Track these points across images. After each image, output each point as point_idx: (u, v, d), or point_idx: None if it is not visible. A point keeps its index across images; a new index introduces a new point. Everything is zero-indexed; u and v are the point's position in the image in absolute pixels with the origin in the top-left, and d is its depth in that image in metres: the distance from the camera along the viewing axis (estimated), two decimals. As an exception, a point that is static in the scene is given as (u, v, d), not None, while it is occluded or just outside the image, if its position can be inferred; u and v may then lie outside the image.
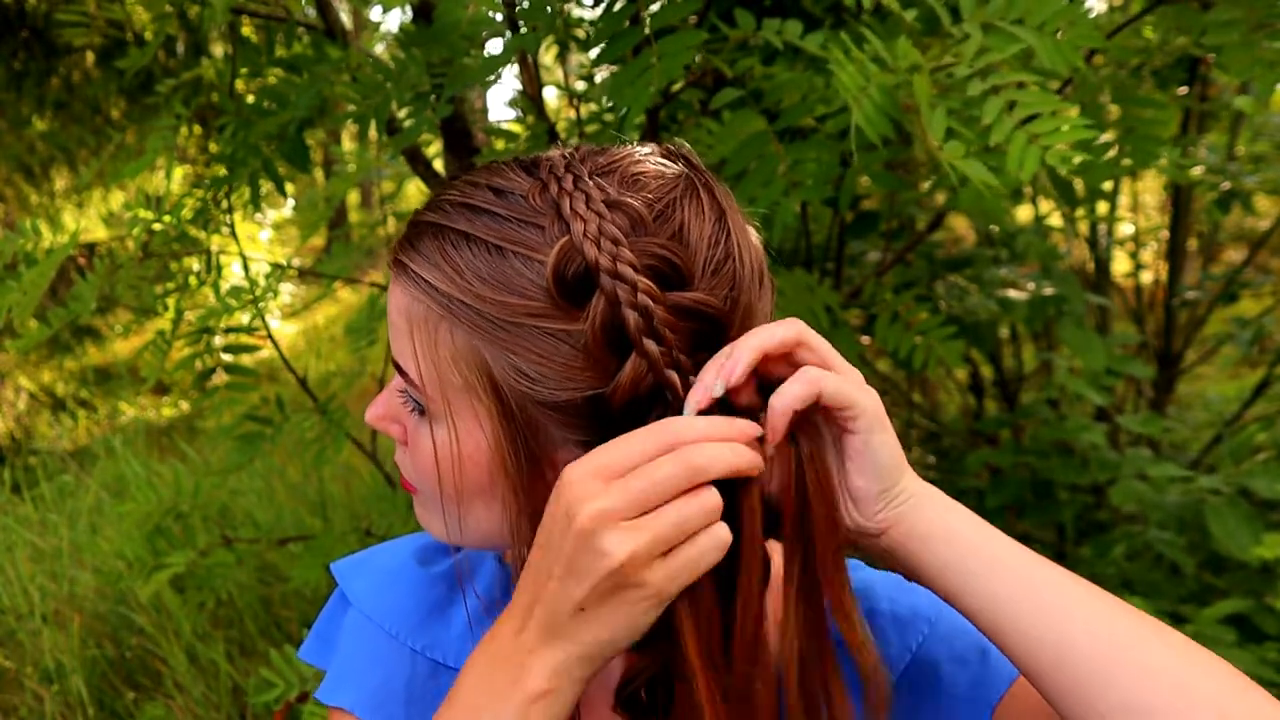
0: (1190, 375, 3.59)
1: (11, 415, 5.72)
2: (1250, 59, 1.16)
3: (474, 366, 0.56)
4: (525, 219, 0.56)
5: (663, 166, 0.59)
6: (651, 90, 1.09)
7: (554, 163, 0.58)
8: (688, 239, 0.56)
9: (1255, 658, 1.78)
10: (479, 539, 0.63)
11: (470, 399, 0.57)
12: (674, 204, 0.57)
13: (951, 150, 0.97)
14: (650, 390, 0.55)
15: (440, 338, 0.57)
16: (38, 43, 4.60)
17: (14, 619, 2.89)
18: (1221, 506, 2.03)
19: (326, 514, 3.43)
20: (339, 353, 6.79)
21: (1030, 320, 2.34)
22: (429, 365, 0.57)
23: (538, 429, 0.57)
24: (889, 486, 0.56)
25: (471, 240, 0.56)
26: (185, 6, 1.55)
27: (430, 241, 0.57)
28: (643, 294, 0.53)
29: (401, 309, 0.59)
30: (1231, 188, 2.53)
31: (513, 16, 1.33)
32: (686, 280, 0.55)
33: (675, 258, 0.55)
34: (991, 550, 0.55)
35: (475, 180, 0.59)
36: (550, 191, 0.56)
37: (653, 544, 0.50)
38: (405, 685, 0.71)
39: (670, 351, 0.54)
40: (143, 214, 1.59)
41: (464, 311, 0.55)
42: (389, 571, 0.77)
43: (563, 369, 0.55)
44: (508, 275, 0.55)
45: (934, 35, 1.33)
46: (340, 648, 0.76)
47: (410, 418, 0.62)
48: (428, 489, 0.62)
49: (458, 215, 0.57)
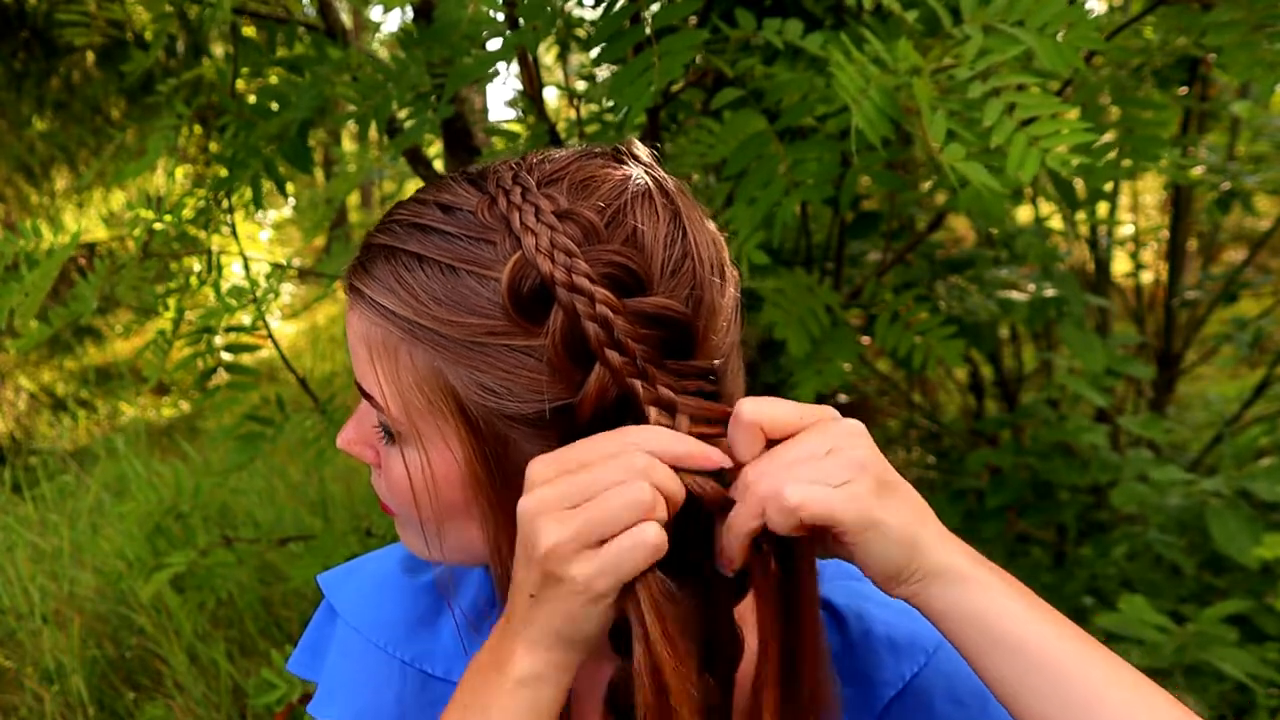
0: (1190, 375, 3.59)
1: (11, 415, 5.72)
2: (1250, 60, 1.16)
3: (437, 388, 0.55)
4: (476, 235, 0.55)
5: (610, 169, 0.58)
6: (652, 90, 1.09)
7: (500, 175, 0.57)
8: (642, 243, 0.55)
9: (1255, 658, 1.78)
10: (461, 556, 0.63)
11: (437, 420, 0.56)
12: (625, 208, 0.56)
13: (952, 153, 0.97)
14: (617, 399, 0.54)
15: (401, 361, 0.56)
16: (38, 43, 4.60)
17: (14, 619, 2.89)
18: (1222, 509, 2.03)
19: (327, 514, 3.43)
20: (339, 353, 6.79)
21: (1030, 321, 2.34)
22: (392, 390, 0.57)
23: (508, 443, 0.56)
24: (898, 572, 0.54)
25: (424, 261, 0.55)
26: (185, 7, 1.54)
27: (383, 265, 0.56)
28: (601, 304, 0.52)
29: (360, 335, 0.58)
30: (1231, 188, 2.54)
31: (513, 16, 1.33)
32: (645, 285, 0.54)
33: (631, 264, 0.54)
34: (1015, 637, 0.53)
35: (424, 198, 0.58)
36: (499, 206, 0.55)
37: (577, 535, 0.50)
38: (396, 699, 0.71)
39: (634, 360, 0.53)
40: (143, 214, 1.59)
41: (423, 334, 0.55)
42: (376, 582, 0.76)
43: (528, 383, 0.54)
44: (463, 295, 0.54)
45: (934, 36, 1.33)
46: (329, 661, 0.75)
47: (379, 442, 0.61)
48: (405, 512, 0.61)
49: (408, 236, 0.56)
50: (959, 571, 0.54)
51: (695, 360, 0.56)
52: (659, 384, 0.54)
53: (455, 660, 0.71)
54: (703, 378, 0.56)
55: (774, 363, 2.15)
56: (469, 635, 0.72)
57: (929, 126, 0.98)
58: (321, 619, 0.79)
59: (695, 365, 0.55)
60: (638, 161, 0.59)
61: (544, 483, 0.51)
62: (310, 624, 0.79)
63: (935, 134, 0.98)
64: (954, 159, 0.96)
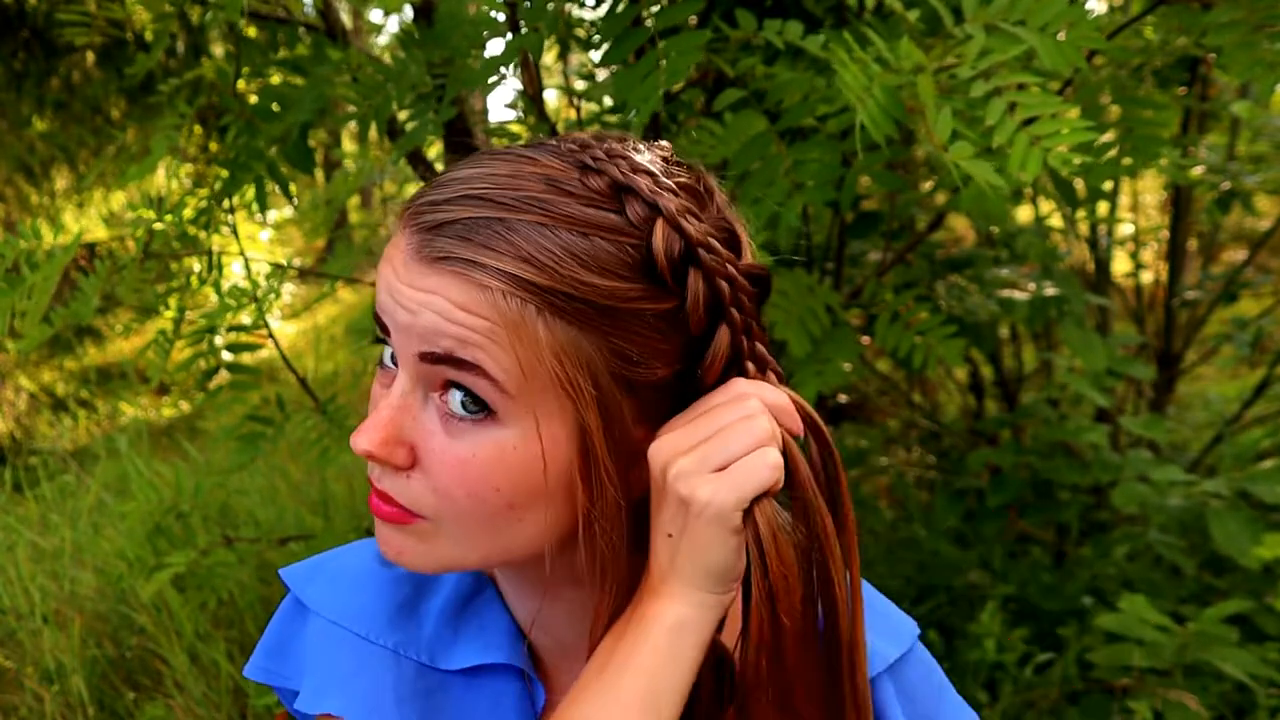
0: (1190, 375, 3.59)
1: (12, 415, 5.72)
2: (1251, 60, 1.16)
3: (575, 358, 0.54)
4: (597, 204, 0.55)
5: (659, 152, 0.61)
6: (660, 92, 1.09)
7: (589, 147, 0.58)
8: (728, 212, 0.60)
9: (1256, 658, 1.78)
10: (505, 553, 0.60)
11: (558, 394, 0.55)
12: (704, 181, 0.61)
13: (958, 151, 0.97)
14: (731, 359, 0.58)
15: (539, 333, 0.53)
16: (38, 43, 4.60)
17: (14, 619, 2.89)
18: (1223, 510, 2.03)
19: (329, 513, 3.43)
20: (339, 353, 6.79)
21: (1031, 320, 2.34)
22: (527, 362, 0.54)
23: (623, 412, 0.57)
24: None
25: (552, 229, 0.53)
26: (186, 7, 1.54)
27: (498, 236, 0.53)
28: (729, 264, 0.56)
29: (479, 308, 0.53)
30: (1231, 188, 2.54)
31: (514, 17, 1.33)
32: (741, 249, 0.59)
33: (733, 227, 0.59)
34: None
35: (497, 172, 0.56)
36: (609, 174, 0.56)
37: (704, 459, 0.54)
38: (394, 685, 0.69)
39: (747, 319, 0.58)
40: (144, 214, 1.59)
41: (565, 302, 0.53)
42: (350, 575, 0.73)
43: (662, 348, 0.56)
44: (604, 260, 0.54)
45: (934, 36, 1.33)
46: (312, 660, 0.72)
47: (436, 435, 0.57)
48: (467, 508, 0.57)
49: (521, 206, 0.54)
50: None
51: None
52: (758, 340, 0.59)
53: (441, 648, 0.70)
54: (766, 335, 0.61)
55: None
56: (453, 622, 0.71)
57: (933, 125, 0.98)
58: (286, 617, 0.75)
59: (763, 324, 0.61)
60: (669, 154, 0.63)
61: (670, 430, 0.57)
62: (270, 625, 0.75)
63: (940, 132, 0.98)
64: (960, 157, 0.96)
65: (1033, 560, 2.64)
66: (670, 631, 0.56)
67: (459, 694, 0.70)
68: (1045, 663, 2.21)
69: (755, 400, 0.56)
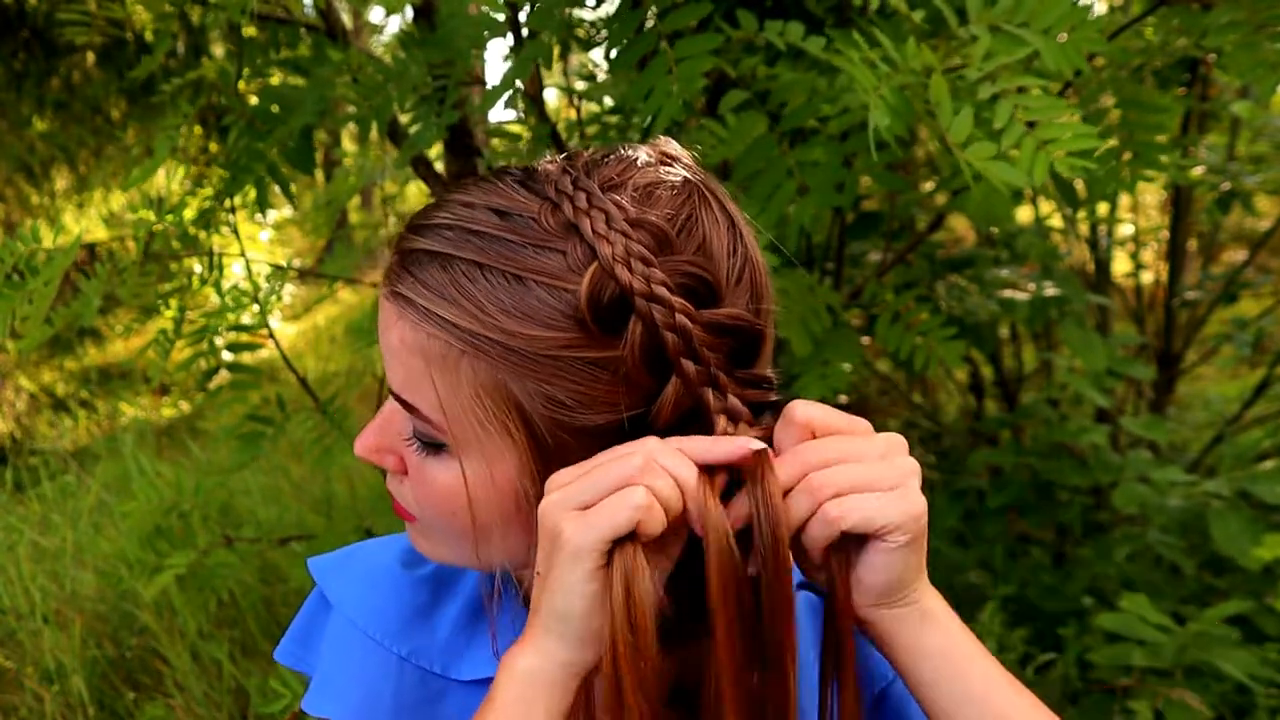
0: (1190, 375, 3.59)
1: (12, 415, 5.72)
2: (1251, 60, 1.16)
3: (501, 400, 0.53)
4: (542, 244, 0.53)
5: (669, 174, 0.57)
6: (679, 101, 1.09)
7: (557, 179, 0.55)
8: (711, 252, 0.55)
9: (1256, 658, 1.78)
10: (492, 563, 0.61)
11: (494, 431, 0.55)
12: (693, 217, 0.55)
13: (977, 151, 0.96)
14: (690, 409, 0.54)
15: (462, 374, 0.54)
16: (38, 43, 4.60)
17: (14, 619, 2.89)
18: (1224, 511, 2.03)
19: (331, 513, 3.43)
20: (339, 353, 6.79)
21: (1031, 321, 2.34)
22: (451, 401, 0.54)
23: (570, 452, 0.55)
24: (899, 588, 0.55)
25: (486, 270, 0.53)
26: (186, 7, 1.54)
27: (439, 273, 0.54)
28: (679, 314, 0.52)
29: (413, 346, 0.55)
30: (1231, 188, 2.54)
31: (515, 19, 1.33)
32: (717, 296, 0.54)
33: (705, 273, 0.53)
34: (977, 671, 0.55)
35: (470, 200, 0.55)
36: (564, 211, 0.53)
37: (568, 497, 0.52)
38: (393, 694, 0.70)
39: (708, 369, 0.53)
40: (144, 215, 1.59)
41: (490, 347, 0.52)
42: (372, 574, 0.75)
43: (600, 395, 0.53)
44: (533, 307, 0.52)
45: (937, 36, 1.33)
46: (324, 654, 0.74)
47: (411, 453, 0.59)
48: (439, 522, 0.60)
49: (462, 242, 0.54)
50: (938, 611, 0.56)
51: (756, 369, 0.56)
52: (729, 392, 0.54)
53: (452, 656, 0.71)
54: (764, 386, 0.56)
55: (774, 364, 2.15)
56: (467, 630, 0.71)
57: (948, 125, 0.97)
58: (313, 607, 0.77)
59: (757, 374, 0.56)
60: (681, 164, 0.59)
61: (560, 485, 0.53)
62: (300, 611, 0.78)
63: (958, 133, 0.97)
64: (979, 157, 0.96)
65: (1033, 560, 2.64)
66: (519, 681, 0.53)
67: (461, 703, 0.70)
68: (1046, 663, 2.21)
69: (647, 445, 0.52)
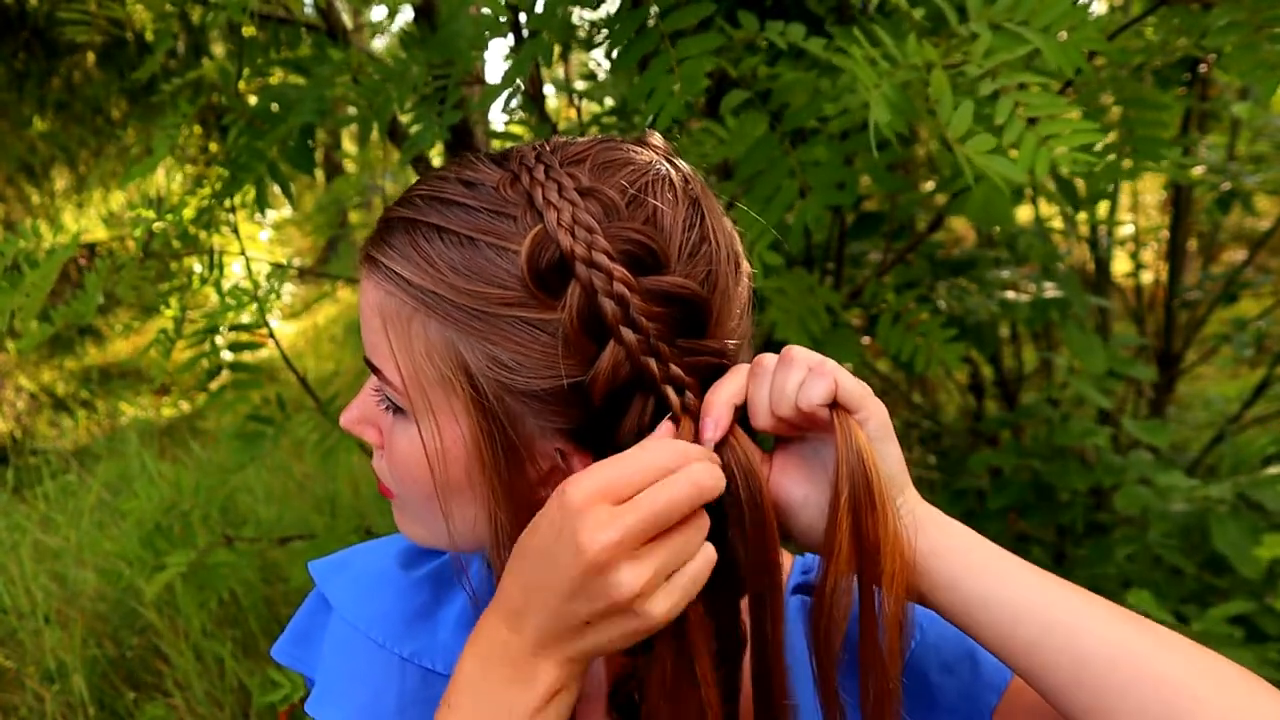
0: (1190, 375, 3.59)
1: (12, 415, 5.72)
2: (1251, 61, 1.16)
3: (449, 359, 0.55)
4: (497, 210, 0.55)
5: (633, 153, 0.59)
6: (681, 101, 1.09)
7: (524, 154, 0.58)
8: (662, 223, 0.56)
9: (1257, 658, 1.78)
10: (461, 540, 0.62)
11: (446, 392, 0.56)
12: (646, 188, 0.57)
13: (976, 145, 0.96)
14: (630, 377, 0.55)
15: (414, 331, 0.56)
16: (39, 43, 4.60)
17: (15, 618, 2.89)
18: (1226, 516, 2.03)
19: (333, 512, 3.43)
20: (339, 353, 6.79)
21: (1031, 321, 2.34)
22: (405, 360, 0.57)
23: (516, 419, 0.56)
24: (897, 475, 0.57)
25: (444, 232, 0.55)
26: (187, 7, 1.54)
27: (402, 236, 0.57)
28: (618, 281, 0.53)
29: (374, 305, 0.58)
30: (1231, 188, 2.53)
31: (516, 20, 1.33)
32: (662, 264, 0.55)
33: (650, 242, 0.55)
34: (999, 568, 0.55)
35: (445, 174, 0.59)
36: (522, 182, 0.56)
37: (657, 575, 0.51)
38: (397, 696, 0.70)
39: (648, 339, 0.54)
40: (144, 214, 1.59)
41: (438, 304, 0.55)
42: (371, 576, 0.75)
43: (541, 357, 0.55)
44: (481, 266, 0.54)
45: (937, 34, 1.33)
46: (326, 658, 0.74)
47: (385, 418, 0.61)
48: (408, 491, 0.61)
49: (429, 209, 0.57)
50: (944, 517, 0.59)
51: (707, 340, 0.57)
52: (671, 362, 0.55)
53: (454, 655, 0.70)
54: (716, 356, 0.57)
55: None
56: (468, 629, 0.71)
57: (947, 121, 0.97)
58: (313, 607, 0.78)
59: (707, 345, 0.57)
60: (658, 151, 0.60)
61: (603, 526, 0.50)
62: (299, 611, 0.78)
63: (958, 127, 0.97)
64: (978, 151, 0.96)
65: (1033, 560, 2.63)
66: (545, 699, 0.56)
67: None
68: (1046, 663, 2.21)
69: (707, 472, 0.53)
